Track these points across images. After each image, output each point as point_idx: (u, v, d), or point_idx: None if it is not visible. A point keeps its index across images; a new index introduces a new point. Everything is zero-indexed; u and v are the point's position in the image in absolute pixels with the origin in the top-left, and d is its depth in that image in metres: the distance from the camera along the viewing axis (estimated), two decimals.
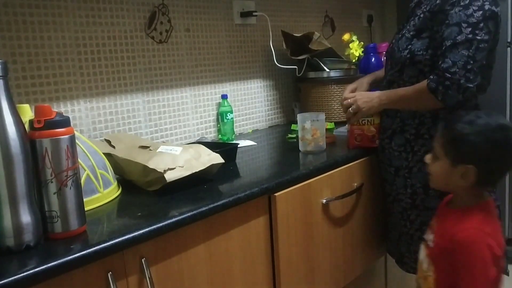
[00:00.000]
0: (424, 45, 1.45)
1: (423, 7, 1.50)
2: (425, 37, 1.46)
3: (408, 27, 1.53)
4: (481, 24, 1.35)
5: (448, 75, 1.35)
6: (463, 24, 1.35)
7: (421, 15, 1.49)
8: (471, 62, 1.34)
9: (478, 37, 1.34)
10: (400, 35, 1.56)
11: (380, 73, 1.76)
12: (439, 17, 1.42)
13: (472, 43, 1.34)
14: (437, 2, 1.44)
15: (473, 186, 1.19)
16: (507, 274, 2.40)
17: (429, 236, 1.29)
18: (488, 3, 1.36)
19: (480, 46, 1.35)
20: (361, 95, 1.62)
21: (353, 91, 1.71)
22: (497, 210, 1.31)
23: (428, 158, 1.27)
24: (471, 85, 1.34)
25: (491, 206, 1.23)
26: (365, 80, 1.78)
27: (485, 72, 1.44)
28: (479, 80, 1.36)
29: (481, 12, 1.35)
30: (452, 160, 1.19)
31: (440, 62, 1.38)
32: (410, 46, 1.49)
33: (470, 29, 1.35)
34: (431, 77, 1.39)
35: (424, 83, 1.41)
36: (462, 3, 1.37)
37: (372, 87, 1.75)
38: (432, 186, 1.31)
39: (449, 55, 1.36)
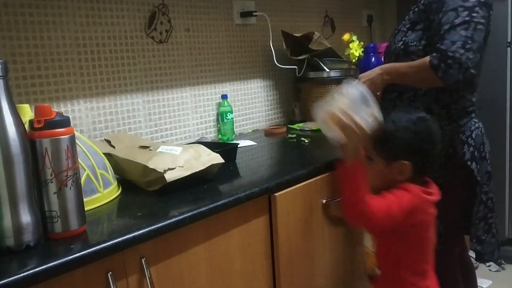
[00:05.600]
0: (418, 36, 1.49)
1: (418, 2, 1.55)
2: (419, 29, 1.50)
3: (404, 22, 1.58)
4: (477, 8, 1.38)
5: (450, 53, 1.35)
6: (459, 8, 1.39)
7: (416, 9, 1.54)
8: (470, 42, 1.35)
9: (475, 19, 1.37)
10: (396, 31, 1.61)
11: None
12: (434, 6, 1.45)
13: (470, 24, 1.37)
14: None
15: (409, 179, 1.26)
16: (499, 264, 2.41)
17: None
18: None
19: (478, 27, 1.37)
20: (362, 76, 1.60)
21: None
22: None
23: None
24: (471, 65, 1.35)
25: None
26: None
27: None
28: (478, 61, 1.38)
29: None
30: (385, 159, 1.26)
31: (438, 45, 1.38)
32: (404, 38, 1.53)
33: (466, 12, 1.38)
34: (434, 54, 1.39)
35: (426, 59, 1.41)
36: None
37: None
38: (372, 189, 1.29)
39: (447, 36, 1.37)
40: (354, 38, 2.40)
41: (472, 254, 2.07)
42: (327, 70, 2.23)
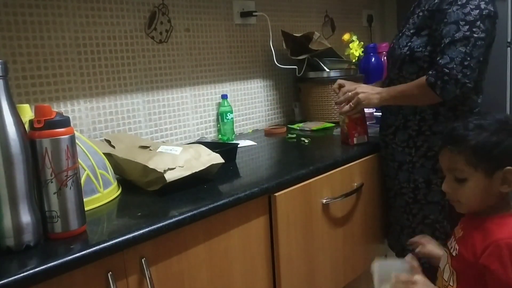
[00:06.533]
0: (423, 42, 1.49)
1: (422, 6, 1.54)
2: (424, 35, 1.50)
3: (408, 26, 1.58)
4: (478, 22, 1.39)
5: (446, 70, 1.38)
6: (460, 22, 1.39)
7: (420, 14, 1.53)
8: (468, 58, 1.37)
9: (475, 35, 1.38)
10: (400, 34, 1.60)
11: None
12: (438, 16, 1.46)
13: (470, 40, 1.38)
14: (436, 1, 1.48)
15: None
16: None
17: (452, 244, 1.18)
18: (484, 2, 1.40)
19: (477, 43, 1.38)
20: (362, 88, 1.63)
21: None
22: None
23: (448, 187, 1.15)
24: (467, 81, 1.38)
25: None
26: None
27: (482, 68, 1.47)
28: (476, 76, 1.40)
29: (477, 11, 1.39)
30: (486, 171, 1.09)
31: (438, 59, 1.41)
32: (409, 43, 1.53)
33: (467, 26, 1.39)
34: (430, 72, 1.42)
35: (423, 78, 1.44)
36: (459, 2, 1.41)
37: None
38: (466, 211, 1.18)
39: (447, 51, 1.39)
40: (354, 38, 2.41)
41: None
42: (327, 70, 2.23)
